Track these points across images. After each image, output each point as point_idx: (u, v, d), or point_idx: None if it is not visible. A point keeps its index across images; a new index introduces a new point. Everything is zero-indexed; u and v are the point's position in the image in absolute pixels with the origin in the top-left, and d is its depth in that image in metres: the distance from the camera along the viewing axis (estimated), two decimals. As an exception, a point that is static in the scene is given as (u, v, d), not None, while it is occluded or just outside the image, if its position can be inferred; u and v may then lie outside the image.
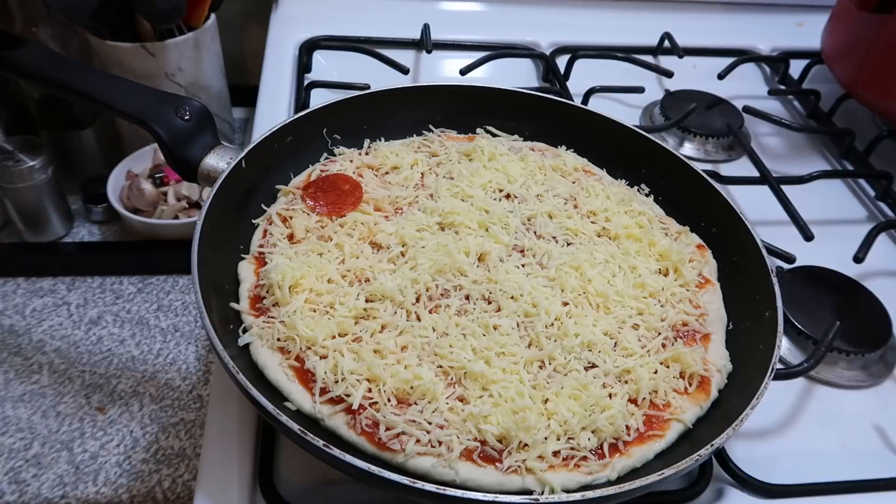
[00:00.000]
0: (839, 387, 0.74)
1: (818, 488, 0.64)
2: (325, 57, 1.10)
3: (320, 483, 0.60)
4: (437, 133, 0.85)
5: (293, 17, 1.17)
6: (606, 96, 1.09)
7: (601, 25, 1.23)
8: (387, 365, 0.57)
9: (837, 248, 0.83)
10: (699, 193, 0.77)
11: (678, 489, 0.61)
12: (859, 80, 1.03)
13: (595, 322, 0.64)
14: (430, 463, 0.52)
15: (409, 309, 0.62)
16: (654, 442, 0.57)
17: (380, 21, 1.18)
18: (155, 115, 0.69)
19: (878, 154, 1.03)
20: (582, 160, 0.84)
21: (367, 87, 0.88)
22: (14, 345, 0.94)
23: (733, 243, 0.73)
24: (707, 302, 0.69)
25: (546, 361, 0.60)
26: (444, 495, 0.48)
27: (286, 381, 0.57)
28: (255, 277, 0.65)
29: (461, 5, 1.27)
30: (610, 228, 0.74)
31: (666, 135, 1.04)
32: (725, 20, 1.30)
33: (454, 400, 0.56)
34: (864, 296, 0.80)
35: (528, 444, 0.54)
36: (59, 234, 1.06)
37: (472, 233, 0.70)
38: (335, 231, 0.69)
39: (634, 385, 0.59)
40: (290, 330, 0.59)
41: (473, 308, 0.64)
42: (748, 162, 0.96)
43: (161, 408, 1.02)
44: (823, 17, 1.13)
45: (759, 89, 1.18)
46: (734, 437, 0.54)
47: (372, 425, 0.54)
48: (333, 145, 0.81)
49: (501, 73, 1.11)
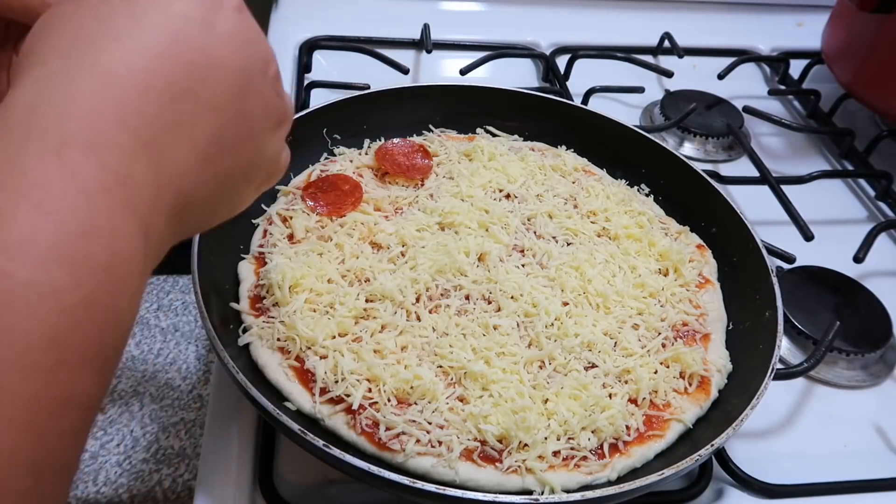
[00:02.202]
0: (839, 387, 0.74)
1: (818, 488, 0.64)
2: (325, 57, 1.10)
3: (320, 483, 0.60)
4: (437, 133, 0.85)
5: (293, 17, 1.17)
6: (606, 96, 1.09)
7: (601, 25, 1.23)
8: (387, 365, 0.57)
9: (837, 248, 0.83)
10: (699, 193, 0.77)
11: (678, 489, 0.61)
12: (859, 80, 1.03)
13: (595, 322, 0.64)
14: (430, 463, 0.52)
15: (409, 309, 0.62)
16: (654, 442, 0.57)
17: (380, 21, 1.18)
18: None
19: (878, 154, 1.03)
20: (582, 160, 0.84)
21: (367, 87, 0.88)
22: (14, 345, 0.94)
23: (733, 243, 0.73)
24: (707, 302, 0.69)
25: (546, 361, 0.60)
26: (444, 495, 0.48)
27: (286, 381, 0.57)
28: (255, 277, 0.65)
29: (461, 5, 1.27)
30: (610, 228, 0.74)
31: (666, 135, 1.04)
32: (725, 20, 1.30)
33: (454, 400, 0.56)
34: (864, 296, 0.80)
35: (528, 444, 0.54)
36: (59, 234, 1.06)
37: (472, 233, 0.70)
38: (335, 231, 0.69)
39: (634, 385, 0.59)
40: (290, 330, 0.59)
41: (473, 308, 0.64)
42: (748, 162, 0.96)
43: (161, 407, 1.02)
44: (823, 17, 1.13)
45: (759, 89, 1.18)
46: (734, 437, 0.54)
47: (372, 425, 0.54)
48: (333, 145, 0.81)
49: (501, 73, 1.11)
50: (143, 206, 0.32)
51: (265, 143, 0.40)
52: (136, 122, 0.32)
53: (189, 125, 0.34)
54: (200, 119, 0.35)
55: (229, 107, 0.36)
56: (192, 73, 0.34)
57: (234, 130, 0.37)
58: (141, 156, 0.32)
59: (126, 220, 0.31)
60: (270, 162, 0.42)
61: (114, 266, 0.30)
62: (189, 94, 0.34)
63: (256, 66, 0.38)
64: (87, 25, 0.34)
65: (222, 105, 0.36)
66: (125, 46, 0.33)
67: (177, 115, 0.33)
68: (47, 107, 0.30)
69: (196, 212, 0.37)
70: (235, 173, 0.39)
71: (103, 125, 0.31)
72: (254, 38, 0.39)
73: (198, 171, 0.35)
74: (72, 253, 0.28)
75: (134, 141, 0.32)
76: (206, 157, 0.36)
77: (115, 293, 0.30)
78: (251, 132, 0.39)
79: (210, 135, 0.36)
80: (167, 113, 0.33)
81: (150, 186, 0.32)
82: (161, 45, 0.33)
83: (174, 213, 0.34)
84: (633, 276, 0.69)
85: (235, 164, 0.38)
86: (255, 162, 0.40)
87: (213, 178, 0.37)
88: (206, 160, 0.36)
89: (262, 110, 0.39)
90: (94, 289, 0.29)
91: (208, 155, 0.36)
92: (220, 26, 0.36)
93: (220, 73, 0.36)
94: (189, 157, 0.35)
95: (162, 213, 0.33)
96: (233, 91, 0.36)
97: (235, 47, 0.37)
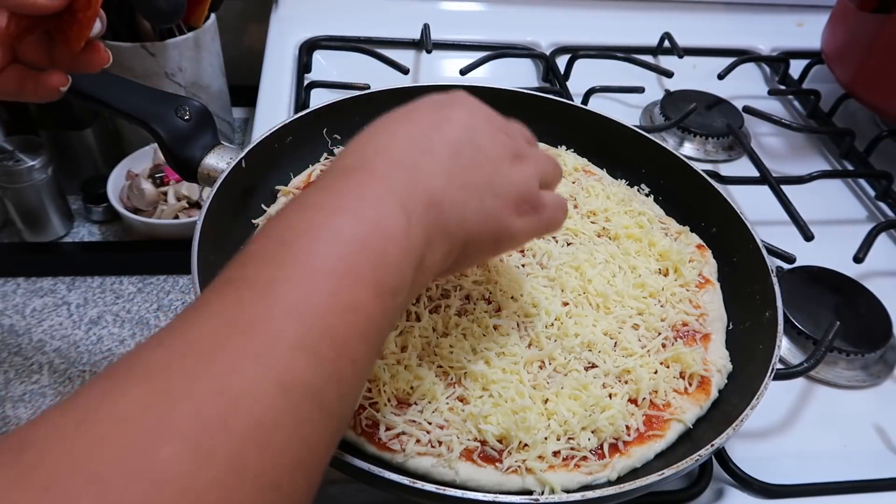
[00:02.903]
0: (839, 387, 0.74)
1: (818, 488, 0.64)
2: (325, 57, 1.10)
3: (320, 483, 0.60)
4: (437, 133, 0.84)
5: (293, 17, 1.17)
6: (606, 96, 1.09)
7: (601, 25, 1.23)
8: (387, 365, 0.57)
9: (837, 248, 0.83)
10: (699, 193, 0.77)
11: (678, 489, 0.61)
12: (859, 80, 1.03)
13: (595, 322, 0.64)
14: (430, 463, 0.52)
15: (409, 309, 0.62)
16: (654, 442, 0.57)
17: (380, 21, 1.18)
18: (155, 115, 0.69)
19: (878, 154, 1.03)
20: (582, 160, 0.84)
21: (367, 87, 0.88)
22: (14, 345, 0.94)
23: (733, 243, 0.73)
24: (707, 302, 0.69)
25: (546, 361, 0.60)
26: (444, 495, 0.48)
27: (286, 381, 0.57)
28: (255, 277, 0.65)
29: (461, 5, 1.27)
30: (610, 228, 0.74)
31: (666, 135, 1.04)
32: (725, 20, 1.30)
33: (454, 400, 0.56)
34: (864, 296, 0.80)
35: (528, 445, 0.54)
36: (59, 234, 1.06)
37: (472, 233, 0.70)
38: (335, 231, 0.69)
39: (634, 385, 0.59)
40: (290, 330, 0.59)
41: (473, 308, 0.64)
42: (748, 162, 0.96)
43: (161, 408, 1.02)
44: (823, 17, 1.13)
45: (759, 89, 1.18)
46: (734, 437, 0.54)
47: (372, 425, 0.54)
48: (333, 145, 0.81)
49: (501, 73, 1.11)
50: (403, 198, 0.43)
51: (502, 167, 0.49)
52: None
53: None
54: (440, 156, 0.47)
55: (462, 143, 0.48)
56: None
57: (469, 154, 0.48)
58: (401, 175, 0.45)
59: (391, 207, 0.42)
60: (515, 183, 0.50)
61: (382, 224, 0.41)
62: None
63: (479, 121, 0.51)
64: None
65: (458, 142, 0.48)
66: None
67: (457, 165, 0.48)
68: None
69: (449, 210, 0.45)
70: (479, 186, 0.48)
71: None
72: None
73: (442, 180, 0.46)
74: (363, 219, 0.41)
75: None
76: (448, 171, 0.46)
77: (385, 244, 0.40)
78: (484, 156, 0.48)
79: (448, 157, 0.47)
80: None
81: (406, 185, 0.44)
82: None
83: (428, 206, 0.44)
84: (633, 276, 0.69)
85: (475, 178, 0.47)
86: (495, 179, 0.48)
87: (459, 188, 0.46)
88: (449, 174, 0.46)
89: (490, 143, 0.50)
90: (370, 236, 0.40)
91: (449, 170, 0.46)
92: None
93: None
94: (434, 170, 0.46)
95: (418, 203, 0.43)
96: (464, 135, 0.49)
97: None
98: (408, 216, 0.42)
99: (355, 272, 0.38)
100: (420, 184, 0.44)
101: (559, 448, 0.54)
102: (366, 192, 0.42)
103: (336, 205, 0.41)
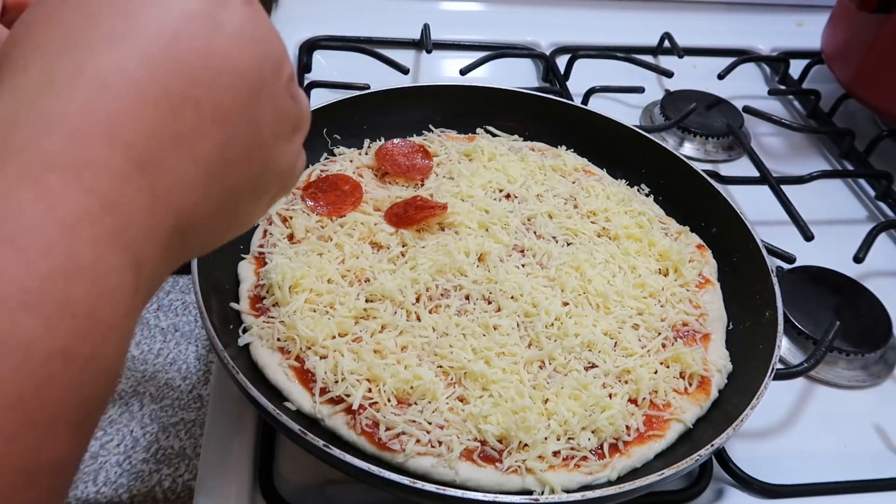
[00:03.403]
0: (839, 387, 0.74)
1: (818, 488, 0.64)
2: (325, 57, 1.10)
3: (320, 483, 0.60)
4: (437, 133, 0.85)
5: (293, 17, 1.17)
6: (606, 96, 1.09)
7: (601, 25, 1.23)
8: (387, 365, 0.57)
9: (837, 248, 0.83)
10: (699, 193, 0.77)
11: (678, 489, 0.61)
12: (859, 80, 1.03)
13: (595, 322, 0.64)
14: (430, 463, 0.52)
15: (409, 309, 0.62)
16: (654, 442, 0.57)
17: (380, 21, 1.18)
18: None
19: (878, 154, 1.03)
20: (582, 160, 0.84)
21: (367, 87, 0.87)
22: (14, 345, 0.94)
23: (733, 243, 0.73)
24: (707, 302, 0.69)
25: (546, 361, 0.60)
26: (444, 495, 0.48)
27: (286, 381, 0.57)
28: (255, 277, 0.65)
29: (461, 5, 1.27)
30: (610, 228, 0.74)
31: (666, 135, 1.04)
32: (725, 20, 1.30)
33: (454, 400, 0.56)
34: (864, 296, 0.80)
35: (528, 444, 0.54)
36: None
37: (472, 233, 0.70)
38: (335, 231, 0.69)
39: (634, 385, 0.59)
40: (290, 330, 0.59)
41: (473, 308, 0.64)
42: (748, 162, 0.96)
43: (161, 407, 1.02)
44: (823, 17, 1.13)
45: (759, 89, 1.18)
46: (734, 437, 0.54)
47: (372, 425, 0.54)
48: (333, 145, 0.81)
49: (501, 73, 1.11)
50: (134, 234, 0.28)
51: (278, 153, 0.37)
52: (128, 139, 0.28)
53: (190, 139, 0.31)
54: (203, 131, 0.31)
55: (237, 116, 0.32)
56: (194, 78, 0.30)
57: (242, 141, 0.33)
58: (133, 177, 0.28)
59: (114, 253, 0.27)
60: (284, 172, 0.39)
61: (97, 308, 0.26)
62: (190, 104, 0.30)
63: (268, 67, 0.34)
64: (73, 24, 0.30)
65: (229, 114, 0.32)
66: (116, 49, 0.29)
67: (176, 129, 0.30)
68: (25, 122, 0.27)
69: (199, 233, 0.34)
70: (244, 188, 0.35)
71: (89, 144, 0.27)
72: (265, 35, 0.34)
73: (201, 190, 0.32)
74: (46, 296, 0.24)
75: (125, 161, 0.28)
76: (211, 173, 0.32)
77: (99, 339, 0.26)
78: (262, 142, 0.35)
79: (214, 148, 0.32)
80: (165, 126, 0.29)
81: (143, 211, 0.29)
82: (158, 48, 0.30)
83: (173, 239, 0.31)
84: (633, 276, 0.69)
85: (244, 178, 0.35)
86: (267, 174, 0.37)
87: (219, 196, 0.33)
88: (211, 177, 0.32)
89: (274, 117, 0.35)
90: (73, 337, 0.25)
91: (213, 171, 0.32)
92: (227, 23, 0.32)
93: (227, 77, 0.32)
94: (190, 174, 0.31)
95: (158, 239, 0.30)
96: (241, 98, 0.32)
97: (244, 47, 0.32)
98: (138, 270, 0.29)
99: (38, 423, 0.25)
100: (161, 200, 0.30)
101: (559, 448, 0.54)
102: (56, 237, 0.26)
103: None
